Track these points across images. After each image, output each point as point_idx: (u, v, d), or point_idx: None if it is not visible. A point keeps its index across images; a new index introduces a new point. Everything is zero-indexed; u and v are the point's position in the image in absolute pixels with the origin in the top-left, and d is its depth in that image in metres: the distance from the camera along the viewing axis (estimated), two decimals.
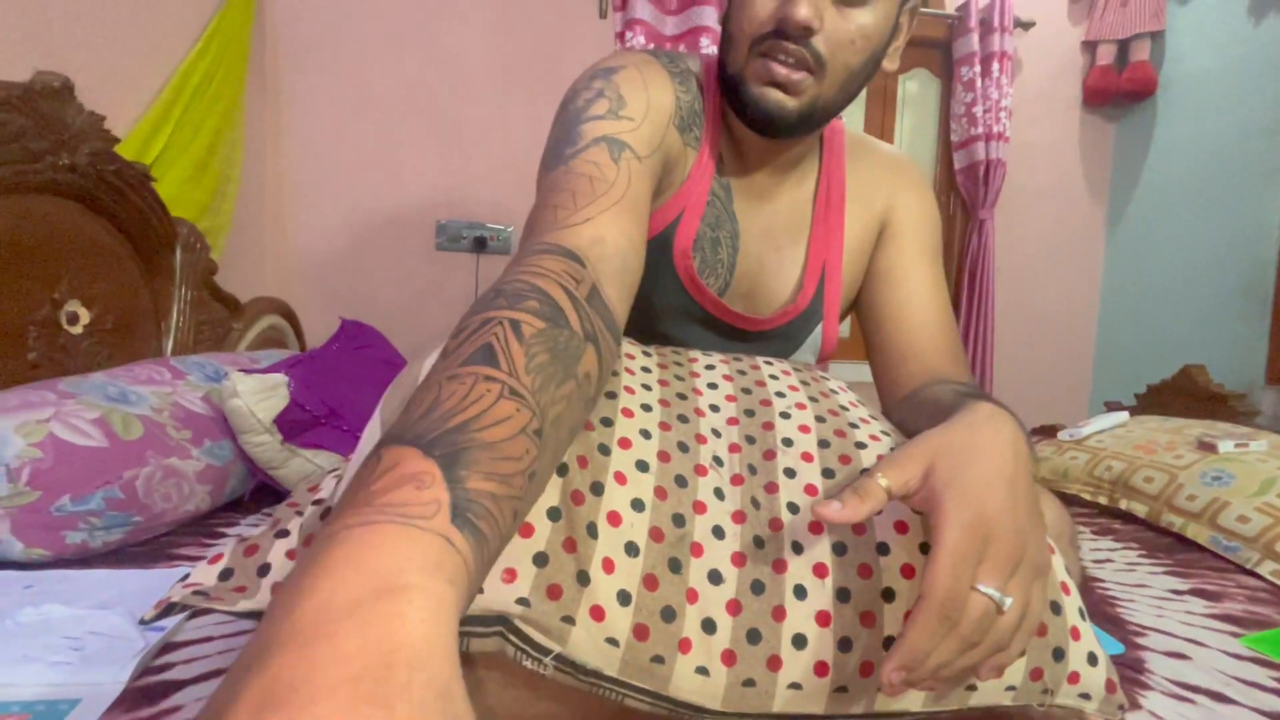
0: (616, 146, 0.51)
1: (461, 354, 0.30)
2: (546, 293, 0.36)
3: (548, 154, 0.53)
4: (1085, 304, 2.45)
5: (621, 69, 0.57)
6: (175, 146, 1.37)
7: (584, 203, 0.46)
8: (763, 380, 0.54)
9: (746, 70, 0.56)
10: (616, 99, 0.54)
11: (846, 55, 0.54)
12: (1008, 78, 2.19)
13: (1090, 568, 0.87)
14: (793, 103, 0.55)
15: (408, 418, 0.27)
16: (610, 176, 0.48)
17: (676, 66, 0.62)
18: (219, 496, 0.91)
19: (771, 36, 0.53)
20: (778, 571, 0.41)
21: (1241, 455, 1.00)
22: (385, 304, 2.03)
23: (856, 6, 0.52)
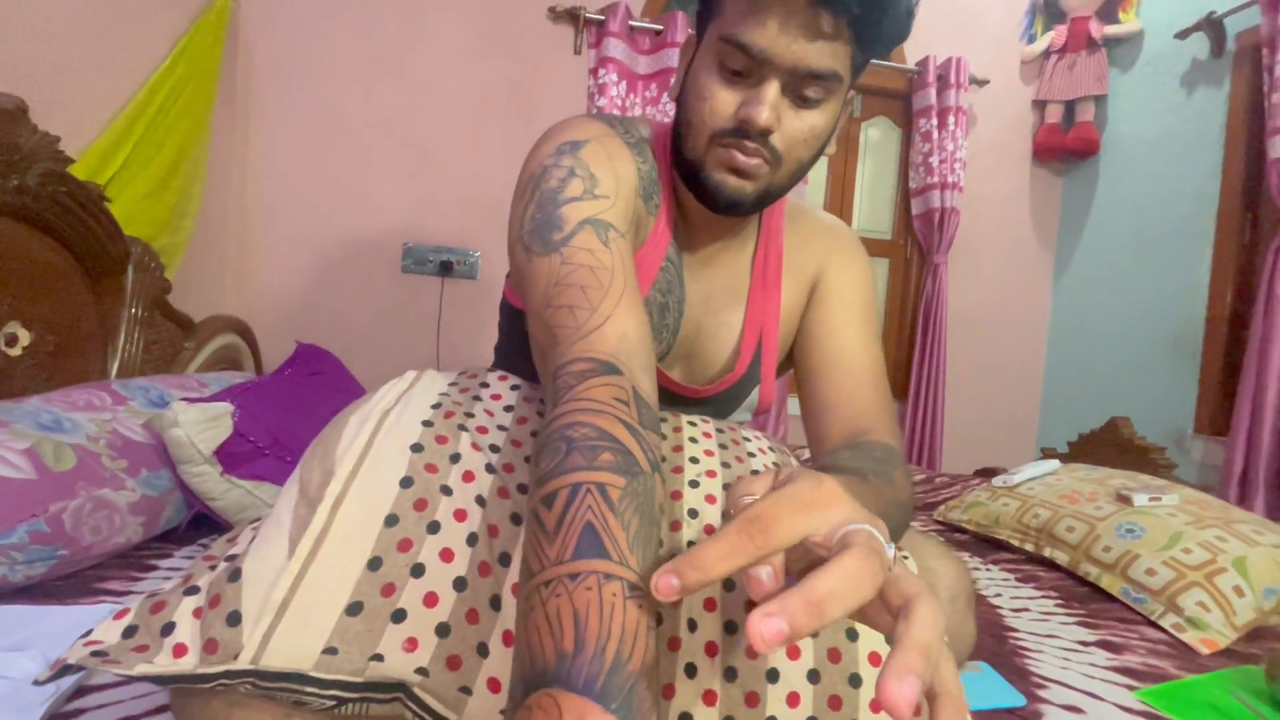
0: (602, 228, 0.52)
1: (569, 538, 0.31)
2: (613, 436, 0.37)
3: (531, 235, 0.52)
4: (1033, 350, 2.55)
5: (586, 144, 0.58)
6: (135, 163, 1.36)
7: (597, 299, 0.47)
8: (680, 445, 0.57)
9: (707, 158, 0.58)
10: (589, 178, 0.55)
11: (799, 151, 0.58)
12: (963, 131, 2.30)
13: (1008, 616, 0.90)
14: (750, 187, 0.58)
15: (561, 642, 0.27)
16: (608, 263, 0.50)
17: (632, 137, 0.64)
18: (153, 528, 0.90)
19: (732, 133, 0.56)
20: (671, 649, 0.43)
21: (1154, 509, 1.06)
22: (349, 324, 2.03)
23: (810, 109, 0.56)
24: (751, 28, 0.53)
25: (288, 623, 0.39)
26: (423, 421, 0.49)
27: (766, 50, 0.52)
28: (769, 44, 0.52)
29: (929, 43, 2.32)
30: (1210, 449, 1.95)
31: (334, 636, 0.39)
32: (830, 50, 0.53)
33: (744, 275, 0.71)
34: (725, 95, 0.56)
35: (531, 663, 0.27)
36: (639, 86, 2.11)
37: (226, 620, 0.39)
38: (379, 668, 0.38)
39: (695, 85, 0.58)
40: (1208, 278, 2.01)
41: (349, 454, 0.46)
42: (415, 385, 0.55)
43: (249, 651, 0.38)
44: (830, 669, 0.44)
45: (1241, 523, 1.01)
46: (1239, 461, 1.76)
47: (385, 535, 0.42)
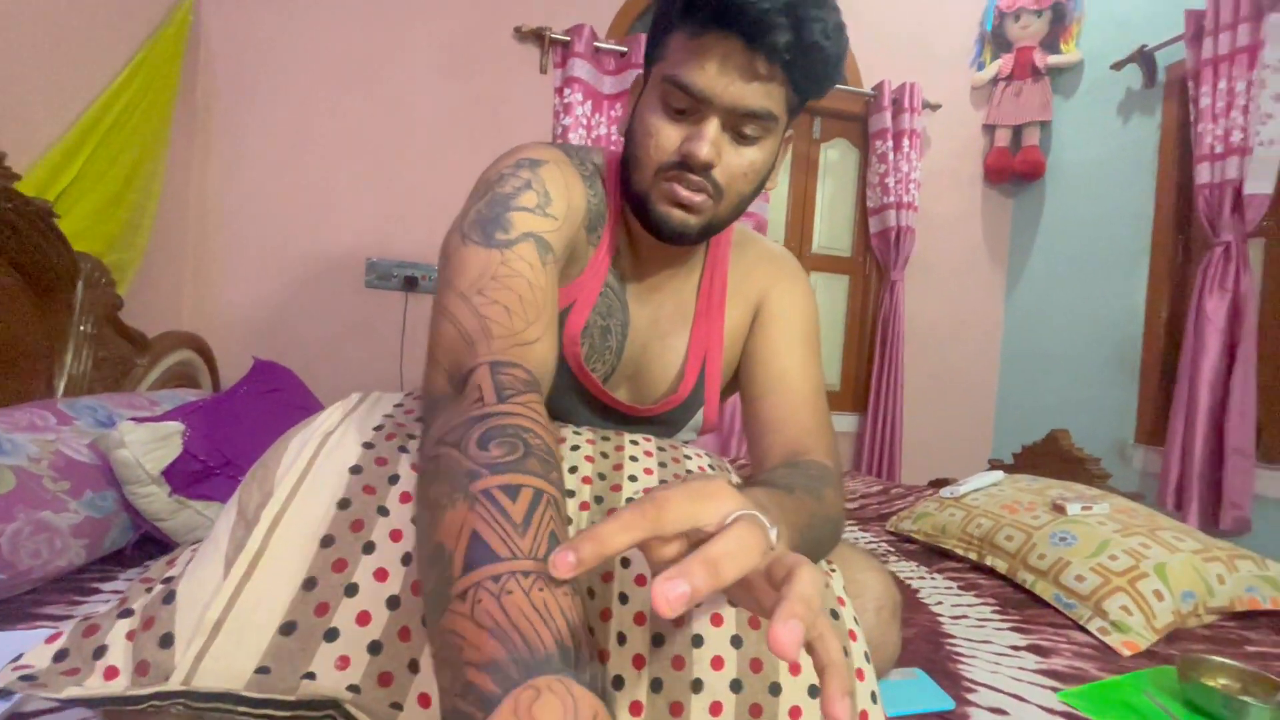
0: (543, 248, 0.54)
1: (540, 538, 0.32)
2: (557, 461, 0.39)
3: (472, 226, 0.54)
4: (987, 364, 2.64)
5: (545, 164, 0.61)
6: (88, 178, 1.34)
7: (532, 315, 0.49)
8: (621, 464, 0.59)
9: (653, 192, 0.61)
10: (544, 194, 0.58)
11: (740, 185, 0.61)
12: (917, 153, 2.39)
13: (946, 623, 0.94)
14: (694, 220, 0.61)
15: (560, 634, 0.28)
16: (543, 285, 0.52)
17: (586, 169, 0.67)
18: (96, 550, 0.88)
19: (675, 167, 0.59)
20: (601, 661, 0.45)
21: (1086, 518, 1.11)
22: (311, 340, 2.01)
23: (749, 145, 0.60)
24: (692, 69, 0.56)
25: (220, 643, 0.40)
26: (364, 444, 0.51)
27: (706, 90, 0.56)
28: (708, 84, 0.56)
29: (884, 68, 2.42)
30: (1150, 458, 2.05)
31: (267, 656, 0.40)
32: (765, 91, 0.57)
33: (690, 301, 0.74)
34: (669, 131, 0.59)
35: (525, 643, 0.28)
36: (604, 106, 2.14)
37: (159, 642, 0.40)
38: (311, 686, 0.39)
39: (641, 122, 0.61)
40: (1145, 295, 2.12)
41: (289, 475, 0.47)
42: (360, 407, 0.56)
43: (181, 672, 0.39)
44: (752, 678, 0.46)
45: (1165, 530, 1.07)
46: (1174, 470, 1.85)
47: (320, 556, 0.43)
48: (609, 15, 2.20)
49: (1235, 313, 1.79)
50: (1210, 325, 1.80)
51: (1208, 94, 1.85)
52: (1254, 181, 1.74)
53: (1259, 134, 1.73)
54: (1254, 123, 1.74)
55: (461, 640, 0.28)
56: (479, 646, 0.27)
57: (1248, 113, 1.76)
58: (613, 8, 2.21)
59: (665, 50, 0.60)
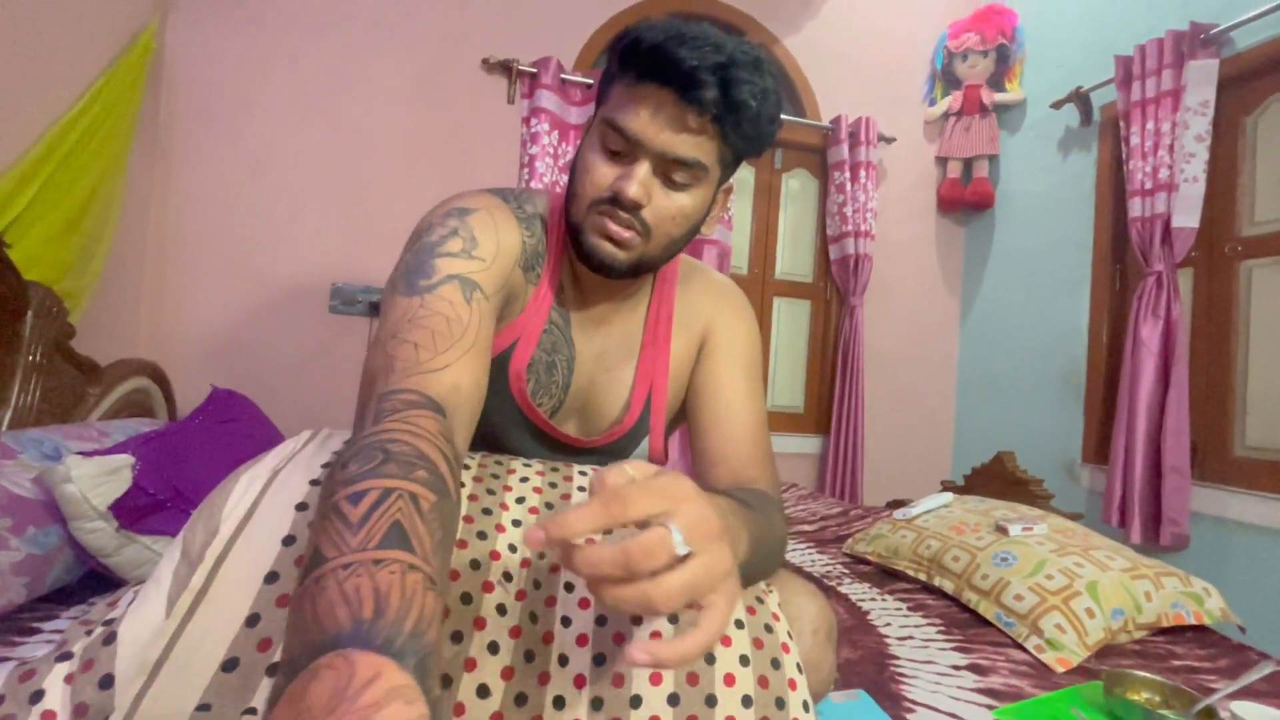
0: (469, 286, 0.57)
1: (374, 530, 0.32)
2: (430, 460, 0.39)
3: (399, 278, 0.57)
4: (944, 387, 2.73)
5: (475, 211, 0.64)
6: (41, 205, 1.33)
7: (443, 346, 0.51)
8: (569, 494, 0.61)
9: (586, 223, 0.65)
10: (470, 239, 0.60)
11: (668, 227, 0.64)
12: (873, 183, 2.48)
13: (892, 645, 0.97)
14: (623, 255, 0.64)
15: (359, 611, 0.27)
16: (464, 319, 0.54)
17: (524, 211, 0.69)
18: (38, 588, 0.86)
19: (607, 202, 0.63)
20: (541, 684, 0.47)
21: (1026, 539, 1.16)
22: (273, 365, 1.99)
23: (679, 190, 0.63)
24: (628, 114, 0.60)
25: (162, 682, 0.41)
26: (311, 481, 0.52)
27: (638, 134, 0.60)
28: (640, 129, 0.60)
29: (841, 103, 2.52)
30: (1096, 476, 2.14)
31: (209, 693, 0.41)
32: (695, 142, 0.61)
33: (636, 333, 0.76)
34: (604, 169, 0.63)
35: (321, 632, 0.27)
36: (570, 135, 2.19)
37: (99, 684, 0.41)
38: None
39: (581, 160, 0.65)
40: (1087, 319, 2.23)
41: (235, 512, 0.48)
42: (309, 444, 0.57)
43: (120, 713, 0.40)
44: (689, 691, 0.48)
45: (1098, 549, 1.13)
46: (1117, 488, 1.94)
47: (265, 592, 0.44)
48: (576, 48, 2.27)
49: (1168, 338, 1.90)
50: (1145, 349, 1.90)
51: (1137, 133, 1.98)
52: (1181, 215, 1.86)
53: (1183, 171, 1.85)
54: (1179, 161, 1.86)
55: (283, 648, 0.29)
56: (286, 648, 0.28)
57: (1173, 151, 1.89)
58: (579, 41, 2.27)
59: (608, 95, 0.64)
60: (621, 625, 0.50)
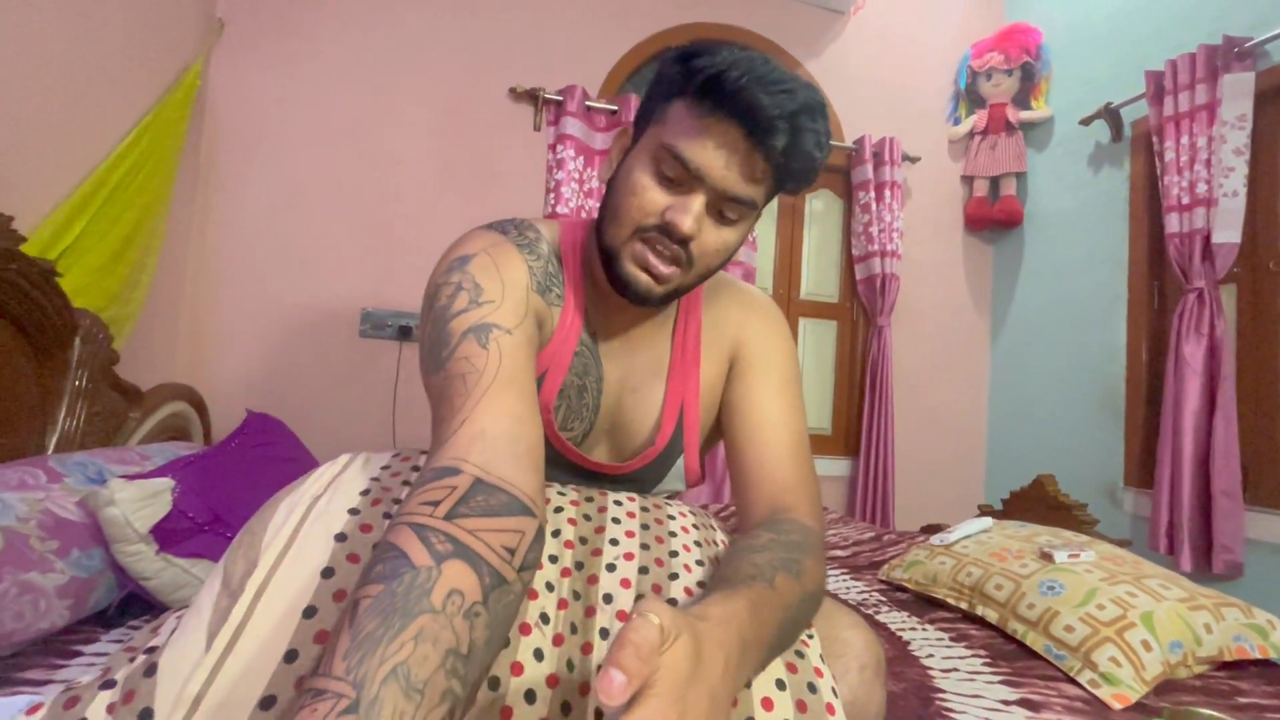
0: (483, 332, 0.55)
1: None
2: (393, 545, 0.38)
3: (426, 356, 0.57)
4: (976, 408, 2.67)
5: (473, 257, 0.62)
6: (90, 237, 1.38)
7: (459, 404, 0.50)
8: (603, 526, 0.60)
9: (624, 249, 0.62)
10: (474, 288, 0.59)
11: (710, 259, 0.64)
12: (898, 203, 2.46)
13: (937, 677, 0.94)
14: (659, 289, 0.63)
15: None
16: (480, 365, 0.52)
17: (524, 238, 0.68)
18: (80, 610, 0.88)
19: (654, 230, 0.61)
20: (582, 694, 0.45)
21: (1073, 566, 1.12)
22: (306, 389, 2.02)
23: (726, 226, 0.62)
24: (694, 145, 0.58)
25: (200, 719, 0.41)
26: (350, 509, 0.52)
27: (703, 168, 0.58)
28: (706, 163, 0.58)
29: (865, 123, 2.52)
30: (1140, 501, 2.06)
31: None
32: (753, 180, 0.60)
33: (664, 352, 0.75)
34: (656, 195, 0.61)
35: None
36: (595, 160, 2.22)
37: (138, 716, 0.41)
38: None
39: (628, 179, 0.62)
40: (1125, 338, 2.17)
41: (274, 543, 0.48)
42: (346, 471, 0.57)
43: None
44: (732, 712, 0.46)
45: (1150, 578, 1.08)
46: (1164, 514, 1.86)
47: (304, 627, 0.44)
48: (600, 75, 2.31)
49: (1213, 357, 1.83)
50: (1189, 369, 1.84)
51: (1171, 148, 1.94)
52: (1221, 231, 1.81)
53: (1222, 186, 1.80)
54: (1217, 175, 1.82)
55: None
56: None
57: (1210, 166, 1.84)
58: (604, 69, 2.31)
59: (666, 115, 0.61)
60: None
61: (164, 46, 1.68)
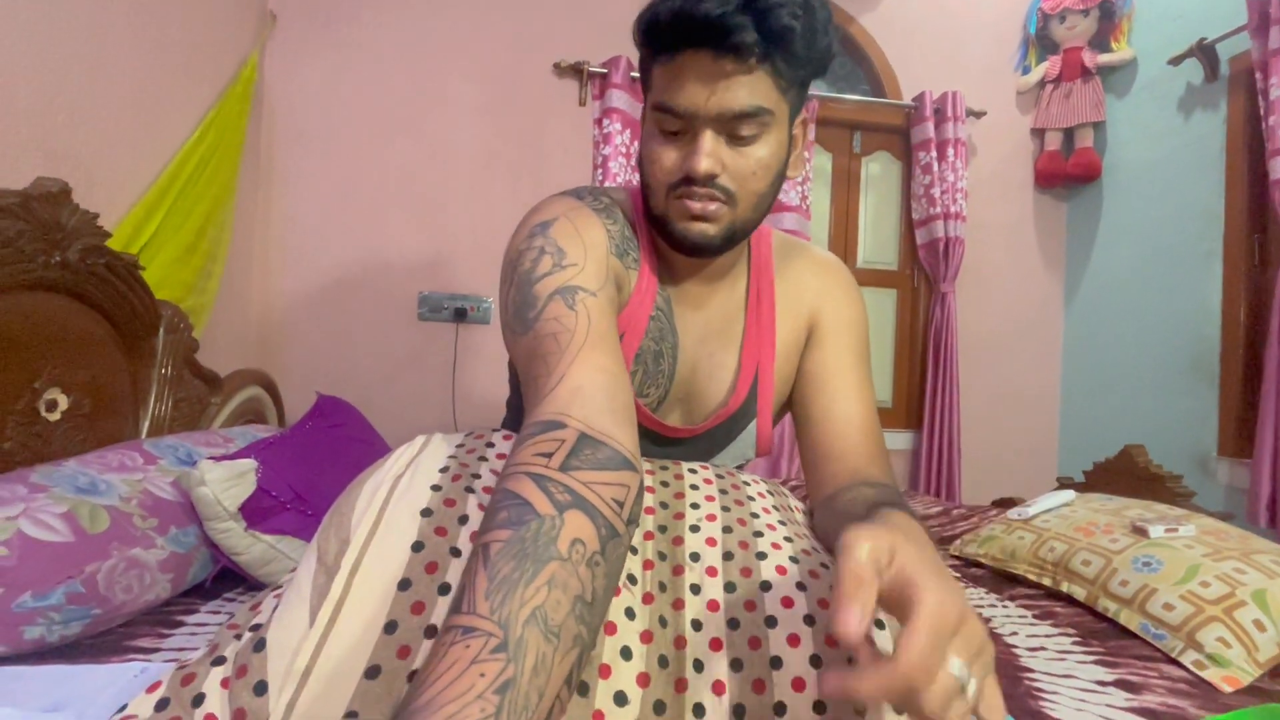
0: (569, 294, 0.56)
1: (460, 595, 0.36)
2: (515, 493, 0.39)
3: (513, 319, 0.58)
4: (1048, 377, 2.53)
5: (553, 222, 0.63)
6: (166, 230, 1.44)
7: (554, 363, 0.50)
8: (682, 492, 0.59)
9: (668, 211, 0.63)
10: (557, 251, 0.59)
11: (751, 185, 0.61)
12: (962, 162, 2.33)
13: (1023, 656, 0.90)
14: (714, 229, 0.62)
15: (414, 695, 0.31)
16: (570, 325, 0.53)
17: (600, 203, 0.68)
18: (180, 584, 0.93)
19: (682, 183, 0.61)
20: (679, 691, 0.45)
21: (1170, 541, 1.05)
22: (369, 372, 2.08)
23: (750, 144, 0.60)
24: (673, 91, 0.58)
25: (311, 690, 0.42)
26: (431, 486, 0.52)
27: (689, 107, 0.58)
28: (689, 101, 0.57)
29: (925, 79, 2.38)
30: (1236, 472, 1.92)
31: (355, 700, 0.41)
32: (748, 87, 0.57)
33: (738, 314, 0.74)
34: (669, 154, 0.61)
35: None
36: None
37: (254, 690, 0.42)
38: None
39: (645, 152, 0.64)
40: (1220, 298, 2.00)
41: (363, 522, 0.49)
42: (424, 450, 0.58)
43: (275, 718, 0.41)
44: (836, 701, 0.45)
45: (1261, 553, 1.00)
46: (1265, 484, 1.73)
47: (399, 599, 0.45)
48: None
49: None
50: None
51: (1278, 85, 1.75)
52: None
53: None
54: None
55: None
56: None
57: None
58: None
59: (651, 80, 0.62)
60: (756, 630, 0.47)
61: (221, 42, 1.73)
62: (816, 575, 0.51)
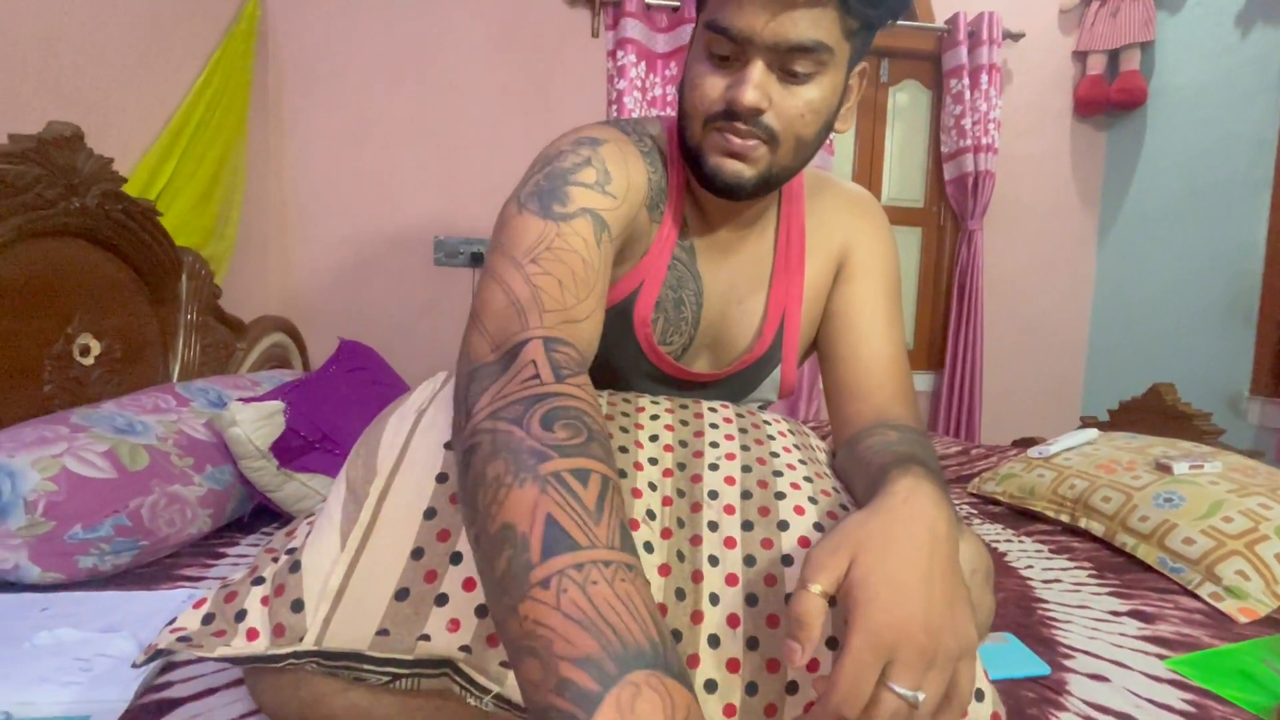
0: (600, 225, 0.52)
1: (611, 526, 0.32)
2: (607, 438, 0.38)
3: (530, 196, 0.52)
4: (1076, 316, 2.47)
5: (605, 143, 0.58)
6: (181, 177, 1.44)
7: (583, 292, 0.47)
8: (701, 431, 0.59)
9: (704, 144, 0.59)
10: (603, 172, 0.55)
11: (797, 128, 0.57)
12: (996, 89, 2.21)
13: (1038, 588, 0.91)
14: (749, 171, 0.59)
15: (648, 629, 0.28)
16: (595, 262, 0.50)
17: (644, 144, 0.64)
18: (220, 518, 0.98)
19: (723, 116, 0.57)
20: (695, 623, 0.46)
21: (1194, 477, 1.04)
22: (386, 318, 2.10)
23: (803, 83, 0.55)
24: (730, 11, 0.53)
25: (344, 608, 0.44)
26: None
27: (745, 31, 0.53)
28: (747, 25, 0.53)
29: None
30: (1268, 410, 1.87)
31: (385, 619, 0.43)
32: (811, 20, 0.52)
33: (766, 258, 0.71)
34: (714, 80, 0.57)
35: (621, 642, 0.27)
36: (658, 65, 2.09)
37: (291, 607, 0.44)
38: (427, 646, 0.42)
39: (689, 75, 0.59)
40: (1265, 231, 1.91)
41: (390, 453, 0.50)
42: (447, 385, 0.58)
43: (312, 634, 0.43)
44: None
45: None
46: None
47: (425, 527, 0.46)
48: None
49: None
50: None
51: None
52: None
53: None
54: None
55: (550, 631, 0.27)
56: (571, 640, 0.27)
57: None
58: None
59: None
60: (772, 567, 0.48)
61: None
62: (835, 516, 0.52)
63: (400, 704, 0.45)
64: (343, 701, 0.45)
